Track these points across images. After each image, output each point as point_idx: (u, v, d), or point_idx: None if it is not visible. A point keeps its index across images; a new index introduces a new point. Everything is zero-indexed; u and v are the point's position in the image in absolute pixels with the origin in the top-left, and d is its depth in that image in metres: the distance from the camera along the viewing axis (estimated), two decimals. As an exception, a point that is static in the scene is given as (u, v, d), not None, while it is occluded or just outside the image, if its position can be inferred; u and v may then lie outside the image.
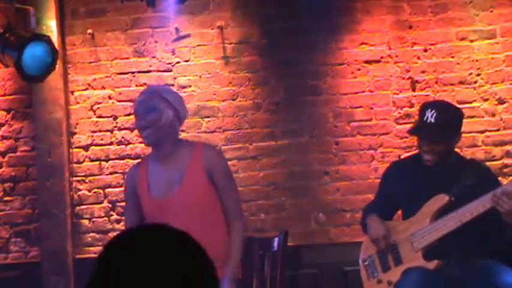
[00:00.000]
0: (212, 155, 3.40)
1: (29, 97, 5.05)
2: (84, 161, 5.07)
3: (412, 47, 4.99)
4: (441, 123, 3.52)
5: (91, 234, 5.06)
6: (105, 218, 5.05)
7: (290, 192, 4.98)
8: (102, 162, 5.07)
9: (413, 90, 4.97)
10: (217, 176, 3.37)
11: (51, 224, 4.95)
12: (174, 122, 3.46)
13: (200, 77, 5.02)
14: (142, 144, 5.01)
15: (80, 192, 5.07)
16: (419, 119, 3.63)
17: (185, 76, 5.01)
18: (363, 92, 5.00)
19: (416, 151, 3.86)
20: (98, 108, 5.08)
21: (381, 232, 3.67)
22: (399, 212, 3.92)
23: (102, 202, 5.07)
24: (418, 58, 4.99)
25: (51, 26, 4.89)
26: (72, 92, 5.09)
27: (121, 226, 4.91)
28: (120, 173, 5.03)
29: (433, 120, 3.53)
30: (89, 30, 5.06)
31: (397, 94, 4.99)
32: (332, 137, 4.99)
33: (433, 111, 3.54)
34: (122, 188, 5.02)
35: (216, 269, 1.31)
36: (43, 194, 4.98)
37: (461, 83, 4.96)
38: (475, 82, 4.96)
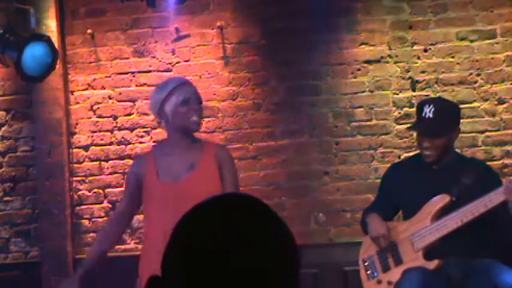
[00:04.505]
0: (225, 154, 3.45)
1: (29, 97, 5.06)
2: (84, 161, 5.07)
3: (412, 47, 4.99)
4: (439, 117, 3.55)
5: (91, 234, 5.06)
6: (105, 218, 5.05)
7: (290, 192, 4.98)
8: (102, 162, 5.07)
9: (413, 90, 4.98)
10: (226, 172, 3.39)
11: (51, 224, 4.95)
12: None
13: (200, 77, 5.02)
14: (142, 144, 5.02)
15: (80, 192, 5.07)
16: (418, 116, 3.65)
17: (185, 76, 5.00)
18: (363, 92, 5.00)
19: (416, 152, 3.86)
20: (98, 108, 5.08)
21: (381, 231, 3.66)
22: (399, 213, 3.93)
23: (102, 202, 5.07)
24: (418, 58, 4.99)
25: (51, 26, 4.90)
26: (72, 92, 5.09)
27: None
28: (120, 173, 5.03)
29: (431, 115, 3.56)
30: (89, 30, 5.06)
31: (397, 94, 4.99)
32: (332, 137, 5.00)
33: (430, 107, 3.57)
34: (122, 188, 5.03)
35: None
36: (43, 194, 4.99)
37: (461, 83, 4.97)
38: (475, 82, 4.96)
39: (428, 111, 3.57)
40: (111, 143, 5.07)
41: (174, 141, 3.39)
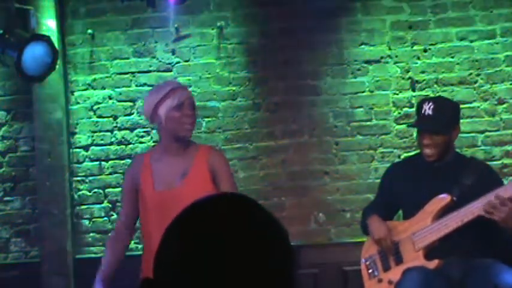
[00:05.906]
0: (217, 158, 3.42)
1: (29, 97, 5.05)
2: (84, 161, 5.07)
3: (412, 47, 4.99)
4: (439, 114, 3.56)
5: (91, 234, 5.06)
6: (105, 218, 5.05)
7: (290, 192, 4.98)
8: (102, 162, 5.07)
9: (413, 90, 4.98)
10: (220, 178, 3.37)
11: (51, 224, 4.95)
12: None
13: (200, 77, 5.02)
14: (142, 144, 5.02)
15: (80, 192, 5.07)
16: (418, 114, 3.66)
17: (185, 76, 5.01)
18: (363, 92, 5.00)
19: (416, 152, 3.86)
20: (98, 108, 5.09)
21: (382, 233, 3.67)
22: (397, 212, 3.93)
23: (102, 202, 5.07)
24: (418, 58, 4.99)
25: (51, 26, 4.90)
26: (72, 92, 5.09)
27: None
28: (120, 173, 5.03)
29: (431, 113, 3.57)
30: (89, 30, 5.06)
31: (397, 94, 4.99)
32: (332, 137, 5.00)
33: (430, 104, 3.59)
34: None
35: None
36: (43, 194, 4.99)
37: (461, 83, 4.97)
38: (475, 82, 4.96)
39: (428, 109, 3.58)
40: (111, 143, 5.07)
41: (167, 147, 3.37)
